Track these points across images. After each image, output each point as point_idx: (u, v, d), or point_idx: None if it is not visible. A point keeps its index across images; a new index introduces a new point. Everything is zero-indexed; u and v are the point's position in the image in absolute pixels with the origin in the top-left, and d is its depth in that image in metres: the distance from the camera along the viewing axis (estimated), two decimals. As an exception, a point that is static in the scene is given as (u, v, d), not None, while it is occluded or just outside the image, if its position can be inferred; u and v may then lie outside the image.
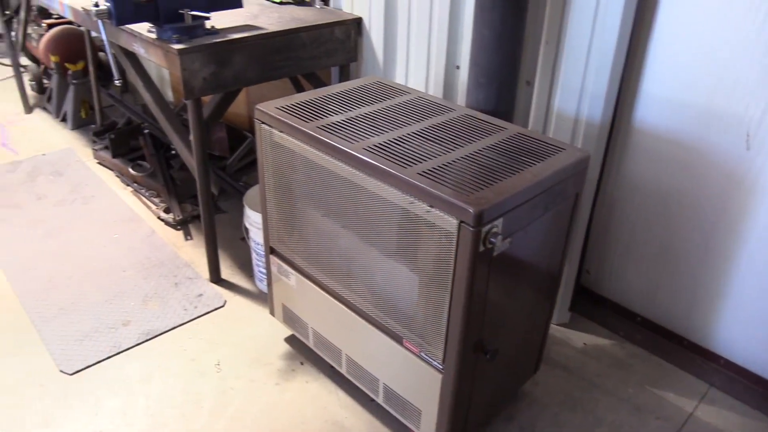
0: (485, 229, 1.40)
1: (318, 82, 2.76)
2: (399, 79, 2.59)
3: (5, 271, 2.73)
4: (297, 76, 2.96)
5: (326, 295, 1.95)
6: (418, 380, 1.72)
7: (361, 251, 1.72)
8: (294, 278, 2.07)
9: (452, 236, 1.42)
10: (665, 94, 2.01)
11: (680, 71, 1.96)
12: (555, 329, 2.46)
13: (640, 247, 2.28)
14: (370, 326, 1.82)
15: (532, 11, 2.11)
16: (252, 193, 2.49)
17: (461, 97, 2.39)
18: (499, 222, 1.43)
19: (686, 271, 2.18)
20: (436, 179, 1.48)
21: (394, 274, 1.64)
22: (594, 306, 2.49)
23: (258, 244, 2.44)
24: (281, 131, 1.82)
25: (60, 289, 2.62)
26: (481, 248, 1.42)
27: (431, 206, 1.45)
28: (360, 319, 1.84)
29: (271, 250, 2.13)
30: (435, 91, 2.45)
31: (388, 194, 1.55)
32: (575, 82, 2.05)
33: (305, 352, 2.30)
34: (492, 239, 1.43)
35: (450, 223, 1.42)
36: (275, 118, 1.82)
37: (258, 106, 1.88)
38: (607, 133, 2.14)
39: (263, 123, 1.87)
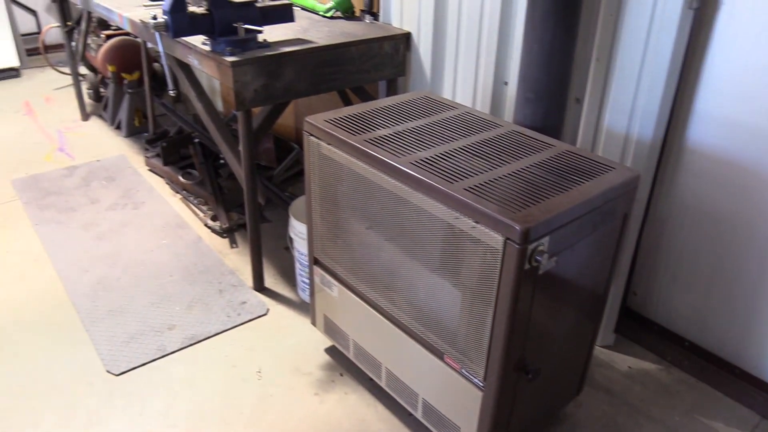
0: (531, 246, 1.38)
1: (365, 96, 2.79)
2: (446, 94, 2.60)
3: (59, 271, 2.82)
4: (345, 90, 2.99)
5: (368, 307, 1.95)
6: (457, 397, 1.71)
7: (405, 265, 1.72)
8: (336, 289, 2.08)
9: (497, 253, 1.41)
10: (720, 113, 1.96)
11: (736, 90, 1.91)
12: (599, 351, 2.41)
13: (690, 270, 2.22)
14: (411, 340, 1.81)
15: (583, 28, 2.09)
16: (297, 204, 2.52)
17: (509, 113, 2.38)
18: (546, 240, 1.42)
19: (740, 297, 2.11)
20: (482, 195, 1.47)
21: (436, 289, 1.64)
22: (640, 329, 2.43)
23: (302, 255, 2.47)
24: (329, 143, 1.84)
25: (109, 291, 2.69)
26: (527, 266, 1.40)
27: (477, 222, 1.45)
28: (401, 333, 1.84)
29: (314, 261, 2.15)
30: (482, 106, 2.44)
31: (433, 209, 1.55)
32: (626, 100, 2.02)
33: (345, 364, 2.31)
34: (538, 257, 1.41)
35: (495, 239, 1.41)
36: (323, 131, 1.84)
37: (307, 119, 1.90)
38: (658, 152, 2.10)
39: (311, 135, 1.90)
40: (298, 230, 2.42)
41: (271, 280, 2.77)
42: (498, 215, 1.39)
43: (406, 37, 2.66)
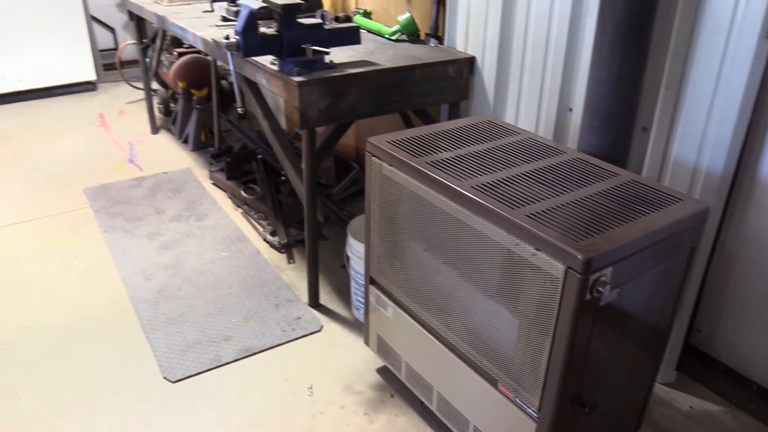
0: (593, 277, 1.36)
1: (427, 119, 2.80)
2: (509, 118, 2.58)
3: (124, 278, 2.92)
4: (407, 112, 3.02)
5: (422, 329, 1.95)
6: (510, 426, 1.68)
7: (461, 289, 1.71)
8: (391, 310, 2.08)
9: (558, 282, 1.39)
10: (797, 148, 1.89)
11: (815, 125, 1.83)
12: (659, 388, 2.33)
13: (759, 309, 2.13)
14: (464, 365, 1.79)
15: (652, 55, 2.05)
16: (356, 223, 2.55)
17: (573, 139, 2.35)
18: (608, 271, 1.39)
19: (812, 340, 2.01)
20: (544, 222, 1.46)
21: (493, 315, 1.62)
22: (703, 368, 2.34)
23: (358, 273, 2.48)
24: (391, 165, 1.85)
25: (170, 299, 2.77)
26: (588, 297, 1.38)
27: (537, 249, 1.43)
28: (455, 357, 1.83)
29: (371, 280, 2.16)
30: (546, 132, 2.42)
31: (493, 234, 1.54)
32: (696, 131, 1.97)
33: (396, 385, 2.30)
34: (600, 288, 1.38)
35: (556, 268, 1.39)
36: (386, 152, 1.86)
37: (370, 140, 1.93)
38: (729, 184, 2.03)
39: (374, 156, 1.92)
40: (355, 249, 2.44)
41: (326, 297, 2.79)
42: (560, 243, 1.37)
43: (470, 61, 2.66)
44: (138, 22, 4.38)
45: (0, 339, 2.56)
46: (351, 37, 2.50)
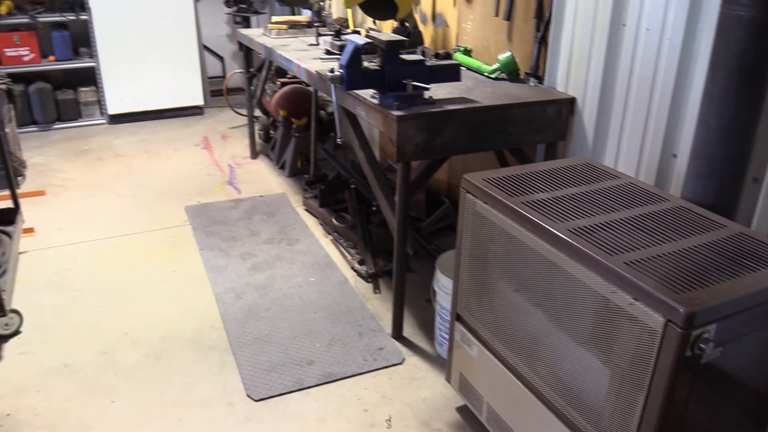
0: (695, 332, 1.29)
1: (523, 158, 2.78)
2: (608, 162, 2.53)
3: (216, 295, 3.04)
4: (503, 150, 3.01)
5: (507, 371, 1.91)
6: (595, 482, 1.61)
7: (551, 333, 1.67)
8: (476, 349, 2.06)
9: (656, 335, 1.33)
10: None
11: None
12: (760, 458, 2.17)
13: None
14: (549, 413, 1.74)
15: (767, 103, 1.96)
16: (444, 258, 2.55)
17: (676, 187, 2.26)
18: (712, 328, 1.32)
19: None
20: (643, 271, 1.41)
21: (583, 364, 1.57)
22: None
23: (444, 309, 2.47)
24: (485, 202, 1.85)
25: (258, 319, 2.85)
26: (688, 353, 1.31)
27: (635, 299, 1.38)
28: (540, 404, 1.78)
29: (457, 317, 2.15)
30: (647, 178, 2.35)
31: (589, 280, 1.50)
32: (814, 186, 1.85)
33: (476, 426, 2.26)
34: (702, 345, 1.31)
35: (655, 320, 1.33)
36: (481, 189, 1.86)
37: (465, 176, 1.94)
38: None
39: (468, 192, 1.92)
40: (442, 284, 2.43)
41: (409, 330, 2.80)
42: (660, 294, 1.32)
43: (571, 102, 2.63)
44: (246, 52, 4.62)
45: (102, 342, 2.71)
46: (451, 74, 2.53)
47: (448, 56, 3.24)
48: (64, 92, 5.68)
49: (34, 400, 2.39)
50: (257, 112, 5.19)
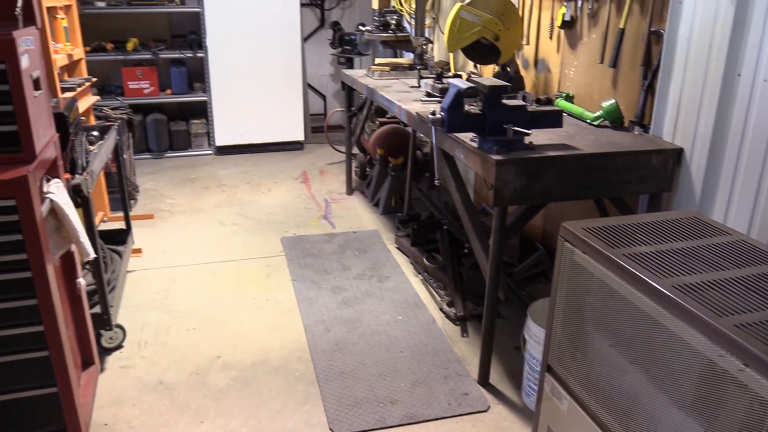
0: (815, 407, 1.19)
1: (624, 207, 2.70)
2: (717, 216, 2.40)
3: (306, 326, 3.10)
4: (603, 198, 2.93)
5: (599, 430, 1.82)
6: None
7: (649, 394, 1.59)
8: (566, 403, 1.98)
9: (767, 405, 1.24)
10: None
11: None
12: None
13: None
14: (644, 479, 1.64)
15: None
16: (537, 306, 2.49)
17: (792, 248, 2.12)
18: (834, 404, 1.21)
19: None
20: (756, 335, 1.32)
21: (683, 429, 1.48)
22: None
23: (534, 358, 2.41)
24: (584, 252, 1.80)
25: (345, 353, 2.88)
26: (806, 429, 1.21)
27: (746, 365, 1.29)
28: (634, 468, 1.68)
29: (547, 368, 2.08)
30: (760, 236, 2.21)
31: (694, 340, 1.42)
32: None
33: (562, 485, 2.16)
34: (821, 422, 1.21)
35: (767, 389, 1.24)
36: (580, 238, 1.82)
37: (564, 224, 1.90)
38: None
39: (567, 241, 1.88)
40: (534, 332, 2.38)
41: (496, 377, 2.73)
42: (775, 363, 1.23)
43: (677, 153, 2.54)
44: (349, 91, 4.77)
45: (195, 363, 2.82)
46: (553, 120, 2.51)
47: (550, 102, 3.22)
48: (177, 123, 6.06)
49: (130, 414, 2.50)
50: (355, 150, 5.32)
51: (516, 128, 2.34)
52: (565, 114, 3.03)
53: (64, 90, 3.56)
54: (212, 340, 3.00)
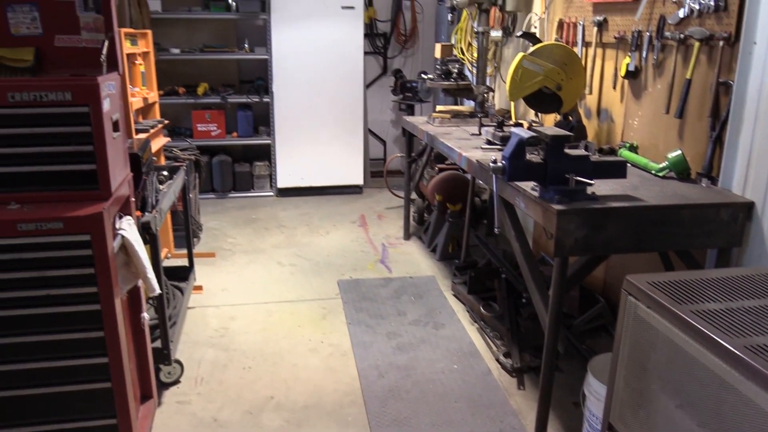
0: None
1: (691, 262, 2.61)
2: (792, 275, 2.30)
3: (360, 370, 3.08)
4: (668, 252, 2.85)
5: (664, 496, 1.73)
6: None
7: (720, 460, 1.51)
8: (629, 465, 1.90)
9: None
10: None
11: None
12: None
13: None
14: None
15: None
16: (598, 361, 2.41)
17: None
18: None
19: None
20: (838, 405, 1.24)
21: (758, 501, 1.39)
22: None
23: (594, 416, 2.32)
24: (649, 307, 1.75)
25: (398, 400, 2.84)
26: None
27: (827, 435, 1.21)
28: None
29: (608, 426, 2.01)
30: (839, 297, 2.10)
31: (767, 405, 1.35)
32: None
33: None
34: None
35: None
36: (644, 293, 1.77)
37: (628, 278, 1.85)
38: None
39: (630, 294, 1.83)
40: (594, 389, 2.30)
41: (553, 433, 2.65)
42: None
43: (748, 207, 2.45)
44: (409, 138, 4.83)
45: (249, 402, 2.84)
46: (616, 170, 2.48)
47: (613, 152, 3.18)
48: (241, 165, 6.25)
49: (185, 450, 2.53)
50: (413, 195, 5.35)
51: (578, 178, 2.32)
52: (629, 164, 2.98)
53: (138, 131, 3.75)
54: (267, 380, 3.02)
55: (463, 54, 5.24)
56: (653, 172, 2.88)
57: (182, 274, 3.74)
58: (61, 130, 2.02)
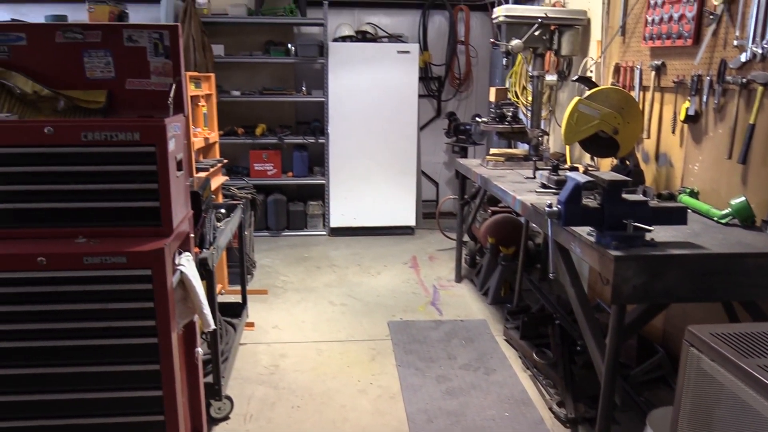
0: None
1: (758, 313, 2.50)
2: None
3: (408, 414, 3.04)
4: (732, 302, 2.74)
5: None
6: None
7: None
8: None
9: None
10: None
11: None
12: None
13: None
14: None
15: None
16: (657, 414, 2.31)
17: None
18: None
19: None
20: None
21: None
22: None
23: (653, 472, 2.22)
24: (713, 360, 1.68)
25: (447, 448, 2.79)
26: None
27: None
28: None
29: (669, 485, 1.91)
30: None
31: None
32: None
33: None
34: None
35: None
36: (708, 345, 1.70)
37: (690, 328, 1.79)
38: None
39: (693, 346, 1.76)
40: (653, 443, 2.20)
41: (609, 489, 2.53)
42: None
43: (819, 258, 2.35)
44: (462, 180, 4.83)
45: (297, 444, 2.83)
46: (676, 216, 2.42)
47: (673, 197, 3.10)
48: (295, 204, 6.36)
49: (232, 488, 2.53)
50: (465, 237, 5.32)
51: (636, 224, 2.27)
52: (689, 210, 2.90)
53: (199, 170, 3.87)
54: (315, 420, 3.01)
55: (517, 97, 5.25)
56: (715, 218, 2.79)
57: (235, 311, 3.80)
58: (128, 168, 2.11)
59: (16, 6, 5.95)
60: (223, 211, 3.40)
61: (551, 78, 4.84)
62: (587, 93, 3.30)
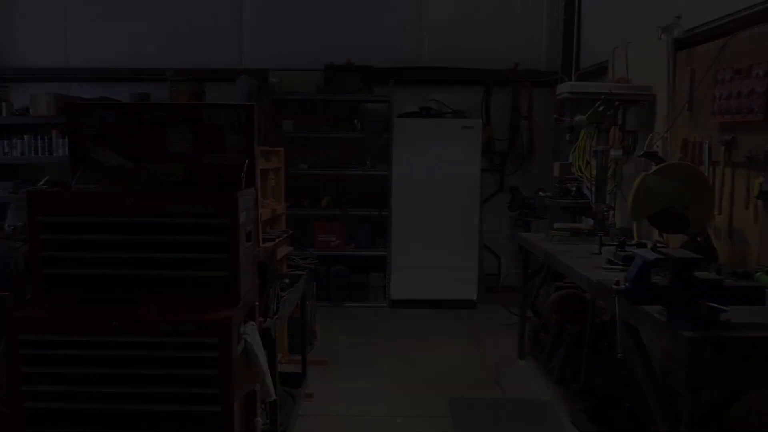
0: None
1: None
2: None
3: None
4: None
5: None
6: None
7: None
8: None
9: None
10: None
11: None
12: None
13: None
14: None
15: None
16: None
17: None
18: None
19: None
20: None
21: None
22: None
23: None
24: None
25: None
26: None
27: None
28: None
29: None
30: None
31: None
32: None
33: None
34: None
35: None
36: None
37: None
38: None
39: (777, 437, 1.65)
40: None
41: None
42: None
43: None
44: (525, 254, 4.77)
45: None
46: (753, 296, 2.32)
47: (749, 276, 2.96)
48: (357, 275, 6.41)
49: None
50: (529, 313, 5.21)
51: (711, 304, 2.18)
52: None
53: (265, 240, 3.97)
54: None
55: (581, 171, 5.21)
56: (796, 300, 2.65)
57: (295, 381, 3.80)
58: (201, 239, 2.20)
59: (104, 84, 6.39)
60: (287, 281, 3.46)
61: (616, 153, 4.80)
62: (655, 168, 3.26)
